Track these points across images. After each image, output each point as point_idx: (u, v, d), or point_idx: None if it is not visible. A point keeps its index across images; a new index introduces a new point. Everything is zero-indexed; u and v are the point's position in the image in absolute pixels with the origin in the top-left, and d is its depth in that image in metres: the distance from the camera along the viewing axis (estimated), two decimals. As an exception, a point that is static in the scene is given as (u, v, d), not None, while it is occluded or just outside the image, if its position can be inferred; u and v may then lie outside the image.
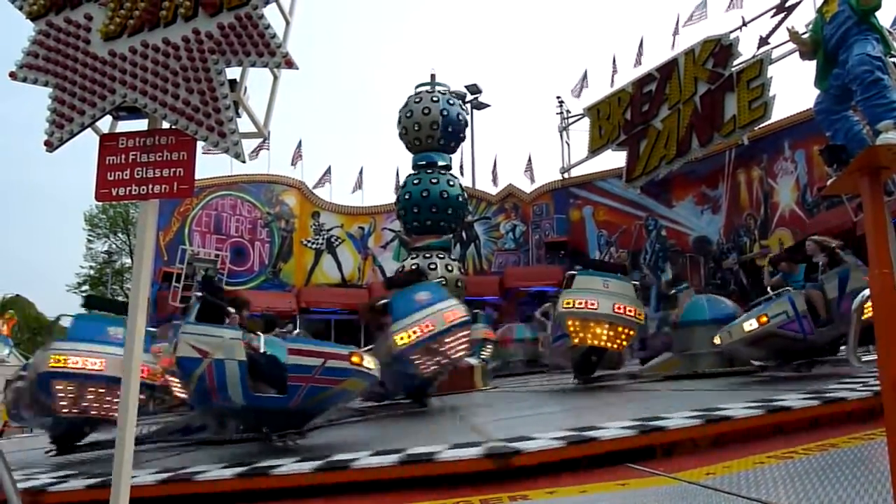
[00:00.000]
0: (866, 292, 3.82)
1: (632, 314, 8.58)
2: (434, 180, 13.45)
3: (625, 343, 8.70)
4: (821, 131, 5.69)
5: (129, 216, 38.51)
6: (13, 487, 1.99)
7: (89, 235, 40.25)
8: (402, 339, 7.50)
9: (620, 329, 8.52)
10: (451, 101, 14.26)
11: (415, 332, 7.56)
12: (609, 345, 8.57)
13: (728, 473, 3.35)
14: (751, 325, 7.40)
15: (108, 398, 6.36)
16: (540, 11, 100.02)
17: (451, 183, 13.80)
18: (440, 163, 14.09)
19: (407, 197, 13.62)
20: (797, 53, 5.24)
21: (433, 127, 13.66)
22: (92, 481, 4.50)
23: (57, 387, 6.28)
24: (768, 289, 8.02)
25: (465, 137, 15.31)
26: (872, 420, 4.30)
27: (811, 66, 5.29)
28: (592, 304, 8.47)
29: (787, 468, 3.32)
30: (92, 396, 6.37)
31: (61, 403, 6.32)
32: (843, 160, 4.14)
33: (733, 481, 3.16)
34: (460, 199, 14.00)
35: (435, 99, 13.76)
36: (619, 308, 8.47)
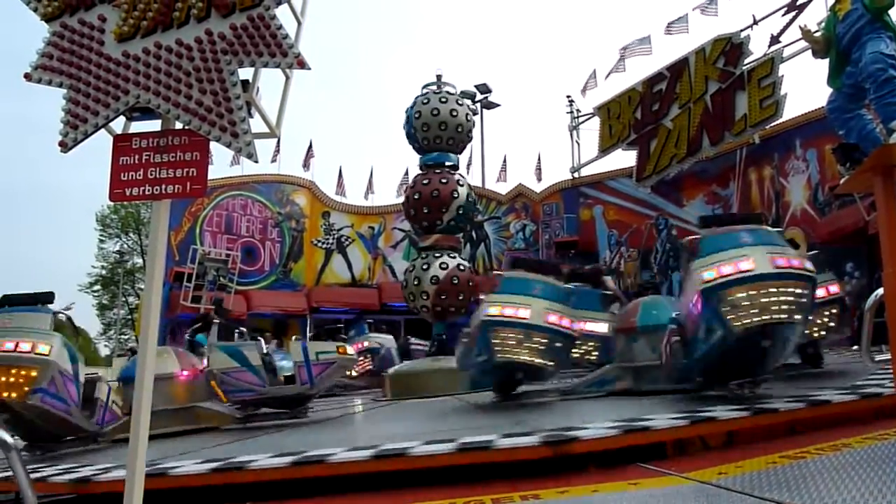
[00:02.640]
0: (880, 291, 3.82)
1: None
2: (444, 181, 13.43)
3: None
4: (833, 130, 5.67)
5: (140, 216, 38.76)
6: (28, 482, 2.02)
7: (101, 235, 40.57)
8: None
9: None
10: (459, 102, 14.21)
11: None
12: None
13: (740, 473, 3.34)
14: None
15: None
16: (550, 11, 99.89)
17: (461, 183, 13.76)
18: (448, 163, 14.07)
19: (416, 197, 13.59)
20: (809, 52, 5.23)
21: (441, 127, 13.62)
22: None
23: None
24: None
25: (472, 137, 15.28)
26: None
27: (823, 64, 5.27)
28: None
29: (799, 468, 3.30)
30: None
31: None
32: (856, 159, 4.13)
33: (745, 481, 3.16)
34: (470, 199, 13.97)
35: (443, 99, 13.72)
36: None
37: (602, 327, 9.04)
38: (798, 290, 5.02)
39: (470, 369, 8.79)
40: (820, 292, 6.45)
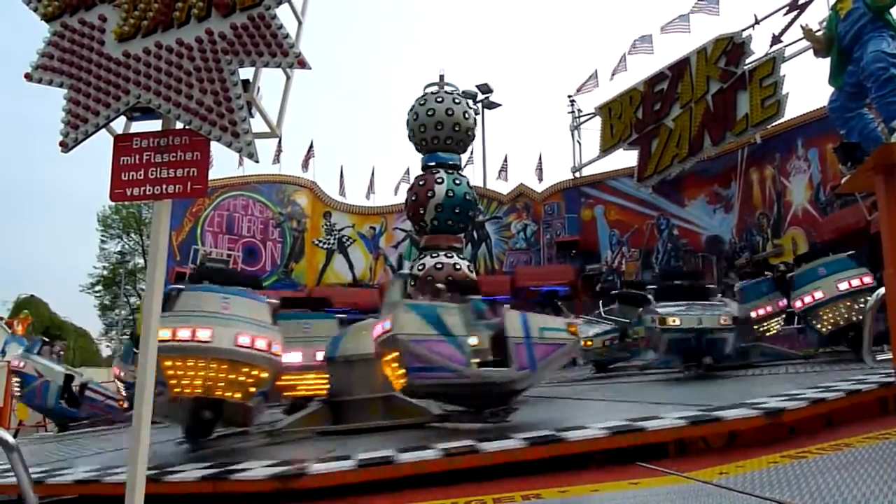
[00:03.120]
0: (881, 291, 3.82)
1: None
2: (422, 182, 13.47)
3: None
4: (834, 129, 5.67)
5: (141, 217, 38.80)
6: (29, 483, 2.02)
7: (102, 236, 40.62)
8: None
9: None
10: (456, 100, 14.24)
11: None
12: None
13: (741, 473, 3.34)
14: None
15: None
16: (551, 11, 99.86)
17: (458, 182, 13.79)
18: (450, 162, 14.09)
19: (413, 199, 13.62)
20: (810, 51, 5.22)
21: (437, 127, 13.67)
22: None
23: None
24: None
25: (474, 137, 15.28)
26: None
27: (824, 63, 5.26)
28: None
29: (800, 467, 3.30)
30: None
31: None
32: (858, 158, 4.12)
33: (747, 481, 3.15)
34: (468, 198, 14.00)
35: (439, 99, 13.77)
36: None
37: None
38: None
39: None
40: (855, 282, 8.25)
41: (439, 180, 13.68)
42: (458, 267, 13.42)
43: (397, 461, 4.03)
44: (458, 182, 13.84)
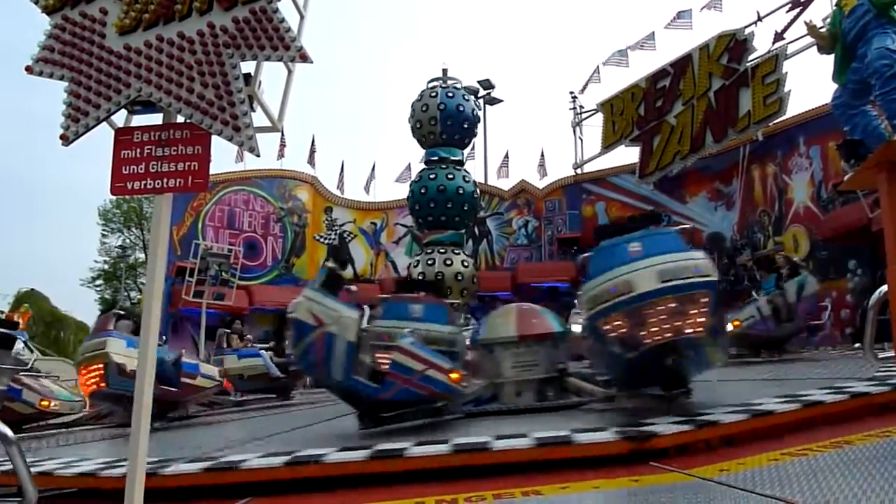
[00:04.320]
0: (884, 288, 3.80)
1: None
2: (450, 176, 13.42)
3: None
4: (836, 127, 5.66)
5: (142, 211, 38.76)
6: (28, 475, 2.01)
7: (103, 230, 40.56)
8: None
9: None
10: (466, 97, 14.21)
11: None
12: None
13: (742, 470, 3.33)
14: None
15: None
16: (553, 6, 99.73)
17: (467, 179, 13.78)
18: (453, 158, 14.07)
19: (422, 192, 13.57)
20: (813, 48, 5.22)
21: (431, 122, 13.64)
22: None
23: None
24: None
25: (476, 132, 15.26)
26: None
27: (827, 61, 5.25)
28: None
29: (801, 465, 3.29)
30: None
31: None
32: (861, 155, 4.11)
33: (748, 478, 3.14)
34: (475, 195, 14.00)
35: (450, 94, 13.74)
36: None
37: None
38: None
39: None
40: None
41: (450, 176, 13.65)
42: (466, 263, 13.40)
43: (408, 453, 4.03)
44: (467, 179, 13.82)
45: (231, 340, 12.78)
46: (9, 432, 2.05)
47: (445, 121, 13.67)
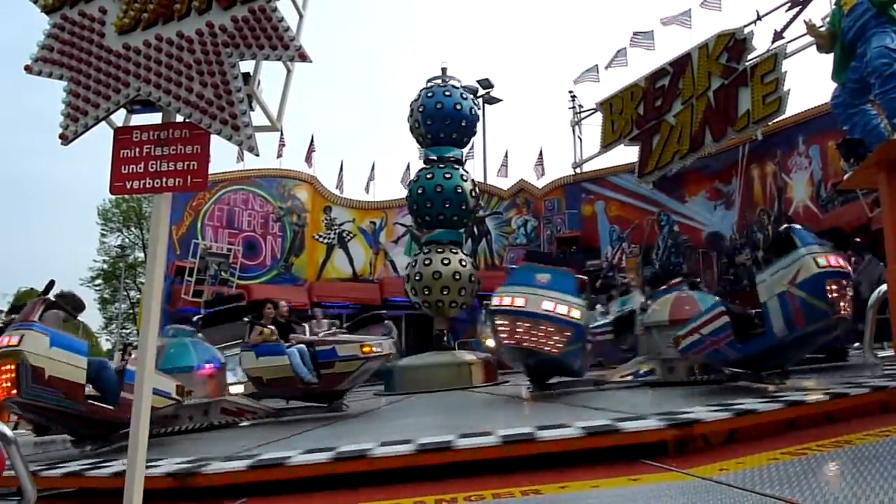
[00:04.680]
0: (883, 288, 3.81)
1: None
2: (448, 175, 13.40)
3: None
4: (836, 126, 5.65)
5: (141, 210, 38.73)
6: (27, 475, 2.01)
7: (102, 230, 40.52)
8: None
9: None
10: (464, 96, 14.20)
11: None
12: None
13: (741, 469, 3.34)
14: None
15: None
16: (552, 5, 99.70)
17: (465, 178, 13.75)
18: (451, 157, 14.03)
19: (420, 191, 13.55)
20: (812, 48, 5.21)
21: (446, 121, 13.62)
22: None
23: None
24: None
25: (475, 131, 15.24)
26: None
27: (826, 60, 5.24)
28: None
29: (800, 464, 3.29)
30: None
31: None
32: (861, 154, 4.11)
33: (746, 477, 3.15)
34: (473, 194, 13.98)
35: (448, 93, 13.71)
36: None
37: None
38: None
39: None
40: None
41: (448, 175, 13.62)
42: (464, 263, 13.37)
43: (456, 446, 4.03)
44: (465, 178, 13.77)
45: (253, 332, 8.30)
46: (8, 432, 2.05)
47: (444, 120, 13.65)
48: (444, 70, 14.38)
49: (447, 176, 13.57)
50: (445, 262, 12.99)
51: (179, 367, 7.78)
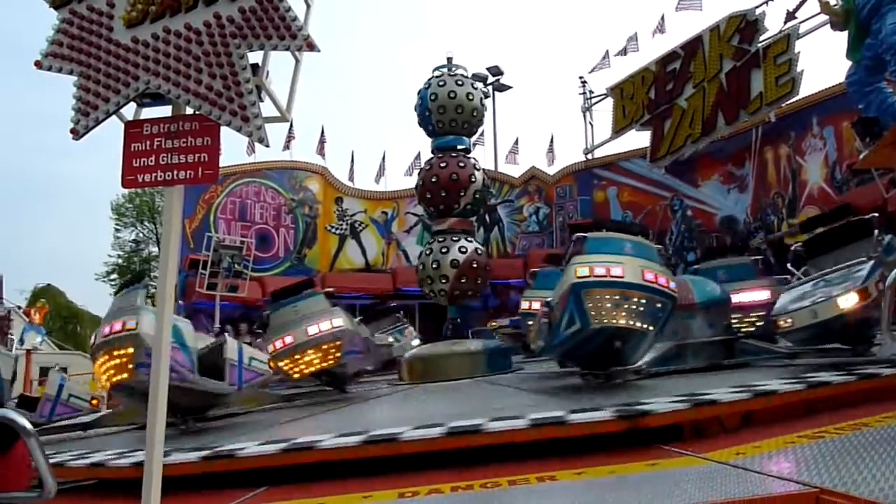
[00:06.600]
0: (901, 268, 3.77)
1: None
2: (462, 164, 13.34)
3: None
4: (850, 107, 5.59)
5: (154, 205, 38.96)
6: (47, 467, 2.03)
7: (116, 224, 40.82)
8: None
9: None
10: (474, 85, 14.14)
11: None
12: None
13: (758, 453, 3.32)
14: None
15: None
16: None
17: (478, 167, 13.69)
18: (461, 146, 13.98)
19: (433, 181, 13.51)
20: (825, 27, 5.15)
21: (458, 110, 13.56)
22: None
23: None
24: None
25: (483, 119, 15.17)
26: None
27: (840, 40, 5.17)
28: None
29: (818, 447, 3.27)
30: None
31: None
32: (876, 133, 4.05)
33: (764, 461, 3.13)
34: (484, 182, 13.93)
35: (460, 82, 13.64)
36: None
37: None
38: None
39: (554, 349, 7.40)
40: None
41: (477, 166, 13.58)
42: (479, 251, 13.33)
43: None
44: (477, 167, 13.71)
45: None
46: (27, 424, 2.06)
47: (455, 109, 13.59)
48: (449, 59, 14.31)
49: (461, 165, 13.53)
50: (462, 250, 12.98)
51: None
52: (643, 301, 6.14)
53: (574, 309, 6.18)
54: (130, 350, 6.11)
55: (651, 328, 6.32)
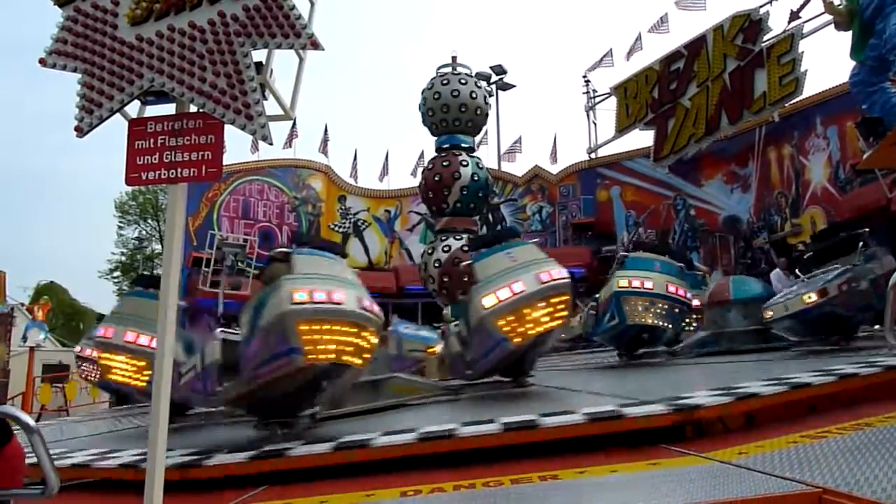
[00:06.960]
0: (903, 268, 3.77)
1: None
2: (464, 163, 13.38)
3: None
4: (854, 106, 5.58)
5: (158, 202, 38.99)
6: (51, 464, 2.04)
7: (120, 222, 40.85)
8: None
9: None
10: (478, 84, 14.17)
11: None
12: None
13: (761, 453, 3.31)
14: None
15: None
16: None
17: (480, 166, 13.73)
18: (465, 145, 14.01)
19: (427, 181, 13.53)
20: (829, 27, 5.15)
21: (461, 109, 13.60)
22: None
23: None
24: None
25: (487, 118, 15.19)
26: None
27: (844, 39, 5.17)
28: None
29: (821, 447, 3.26)
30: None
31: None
32: (880, 133, 4.04)
33: (766, 460, 3.12)
34: (488, 181, 13.97)
35: (463, 81, 13.69)
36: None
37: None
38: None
39: (599, 335, 9.91)
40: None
41: (464, 163, 13.59)
42: (465, 249, 13.37)
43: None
44: (480, 166, 13.76)
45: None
46: (31, 421, 2.07)
47: (458, 108, 13.61)
48: (454, 58, 14.33)
49: (464, 163, 13.56)
50: (445, 249, 12.99)
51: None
52: (666, 307, 8.61)
53: (615, 309, 8.64)
54: None
55: (671, 326, 8.86)
